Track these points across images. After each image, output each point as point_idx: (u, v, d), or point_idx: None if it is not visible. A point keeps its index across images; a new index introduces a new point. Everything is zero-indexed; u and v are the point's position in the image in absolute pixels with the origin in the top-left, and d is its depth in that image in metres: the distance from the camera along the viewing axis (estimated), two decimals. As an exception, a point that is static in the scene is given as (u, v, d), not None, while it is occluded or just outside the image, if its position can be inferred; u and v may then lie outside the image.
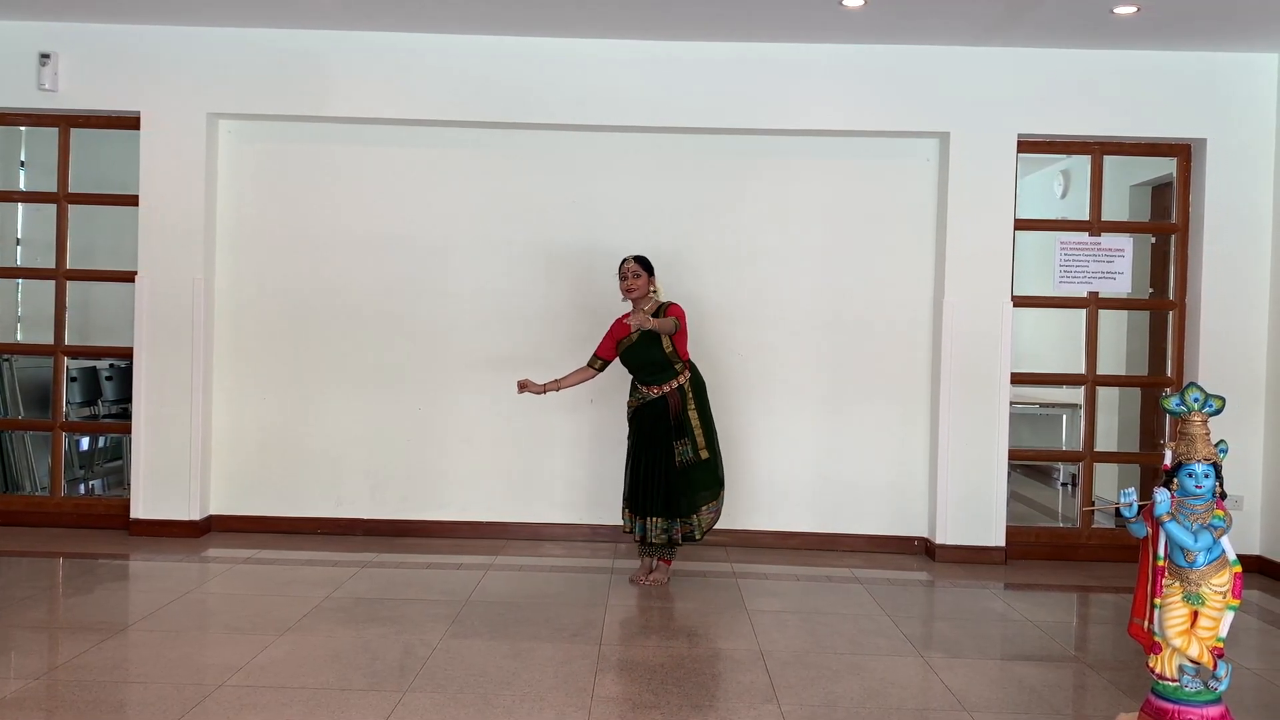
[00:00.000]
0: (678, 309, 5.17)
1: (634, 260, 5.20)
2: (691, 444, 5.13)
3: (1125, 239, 6.17)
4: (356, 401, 6.19)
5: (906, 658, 4.21)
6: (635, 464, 5.23)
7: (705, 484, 5.18)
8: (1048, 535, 6.25)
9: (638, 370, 5.20)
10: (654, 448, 5.14)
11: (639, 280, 5.16)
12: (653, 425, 5.14)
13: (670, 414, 5.11)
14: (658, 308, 5.17)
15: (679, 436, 5.12)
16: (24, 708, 3.43)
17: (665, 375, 5.13)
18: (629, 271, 5.17)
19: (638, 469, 5.20)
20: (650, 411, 5.15)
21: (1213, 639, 3.20)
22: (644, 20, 5.61)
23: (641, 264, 5.21)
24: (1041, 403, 7.63)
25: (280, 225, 6.19)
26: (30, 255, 7.37)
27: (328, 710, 3.46)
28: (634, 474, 5.23)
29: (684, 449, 5.12)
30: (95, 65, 5.98)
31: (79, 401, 7.22)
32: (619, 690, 3.73)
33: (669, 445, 5.12)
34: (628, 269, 5.18)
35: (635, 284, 5.16)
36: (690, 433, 5.13)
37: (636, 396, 5.21)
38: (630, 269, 5.17)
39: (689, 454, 5.12)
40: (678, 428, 5.12)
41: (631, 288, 5.16)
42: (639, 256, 5.25)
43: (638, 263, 5.20)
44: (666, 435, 5.12)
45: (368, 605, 4.73)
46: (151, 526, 6.00)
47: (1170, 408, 3.32)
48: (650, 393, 5.14)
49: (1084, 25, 5.49)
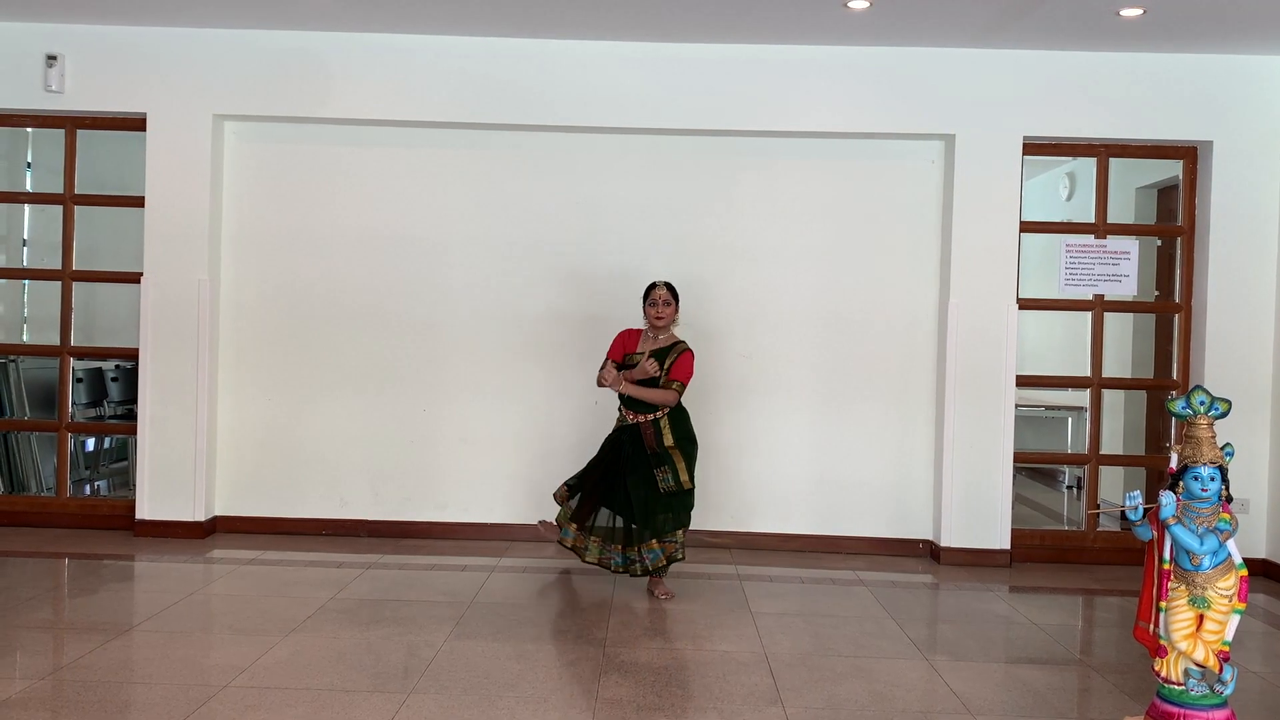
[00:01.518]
0: (688, 364, 5.07)
1: (665, 288, 5.10)
2: (673, 472, 5.03)
3: (1131, 241, 6.16)
4: (360, 402, 6.19)
5: (911, 660, 4.20)
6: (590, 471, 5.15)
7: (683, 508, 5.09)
8: (1053, 538, 6.24)
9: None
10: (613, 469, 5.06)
11: (669, 309, 5.07)
12: (622, 448, 5.07)
13: (645, 444, 5.03)
14: (674, 343, 5.11)
15: (658, 465, 5.03)
16: (29, 708, 3.43)
17: (647, 407, 5.05)
18: (660, 300, 5.06)
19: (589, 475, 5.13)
20: (628, 437, 5.07)
21: (1218, 642, 3.20)
22: (647, 22, 5.61)
23: (672, 292, 5.10)
24: (1047, 405, 7.62)
25: (285, 226, 6.20)
26: (36, 256, 7.38)
27: (332, 711, 3.46)
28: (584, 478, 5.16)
29: (665, 476, 5.03)
30: (101, 67, 6.00)
31: (84, 402, 7.23)
32: (623, 692, 3.73)
33: (640, 473, 5.00)
34: (660, 296, 5.07)
35: (665, 313, 5.06)
36: (670, 461, 5.04)
37: (619, 419, 5.16)
38: (662, 297, 5.07)
39: (669, 482, 5.03)
40: (656, 458, 5.04)
41: (661, 315, 5.06)
42: (669, 284, 5.14)
43: (669, 290, 5.10)
44: (633, 463, 5.02)
45: (372, 606, 4.74)
46: (156, 527, 6.01)
47: (1176, 411, 3.31)
48: (629, 418, 5.08)
49: (1090, 27, 5.48)
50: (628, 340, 5.22)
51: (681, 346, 5.13)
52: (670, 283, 5.19)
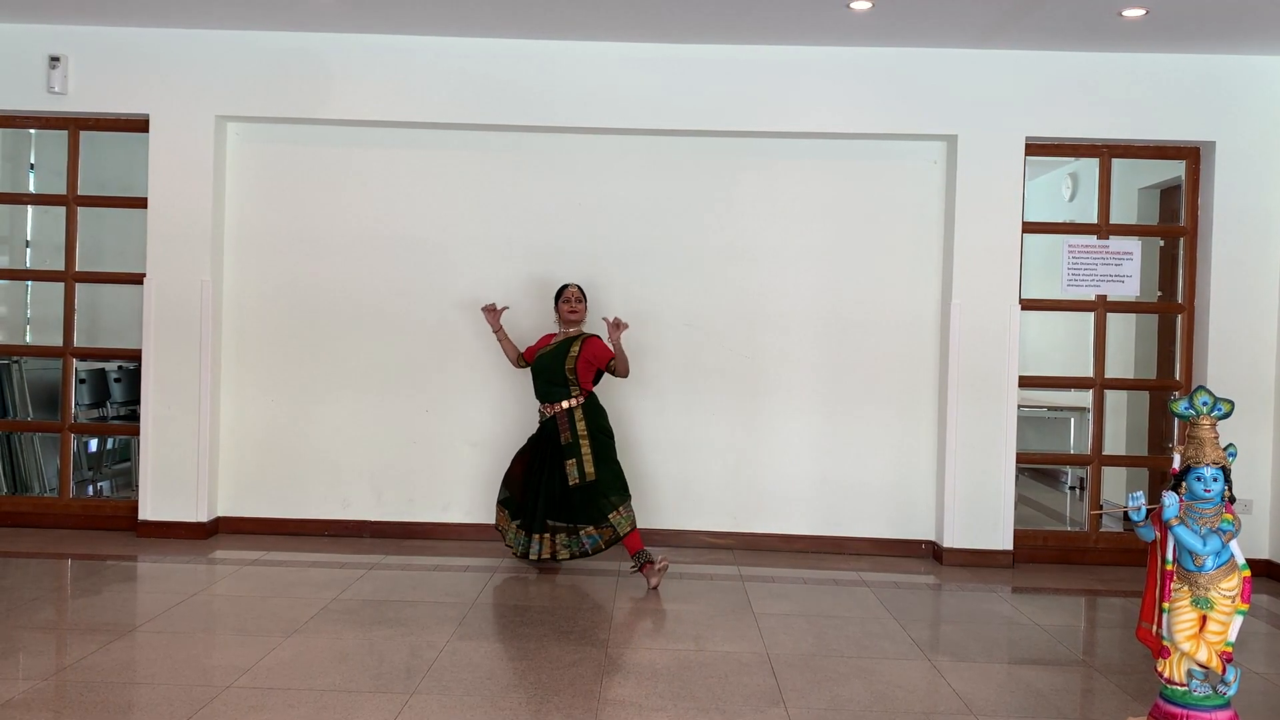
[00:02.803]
0: (601, 345, 5.41)
1: (578, 287, 5.53)
2: (579, 466, 5.28)
3: (1133, 242, 6.15)
4: (362, 403, 6.20)
5: (913, 661, 4.20)
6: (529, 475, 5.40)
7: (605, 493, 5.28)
8: (1055, 539, 6.23)
9: (538, 376, 5.42)
10: (551, 464, 5.34)
11: (581, 305, 5.49)
12: (542, 442, 5.38)
13: (559, 435, 5.32)
14: (579, 334, 5.45)
15: (567, 457, 5.30)
16: (32, 708, 3.44)
17: (559, 393, 5.35)
18: (572, 296, 5.47)
19: (531, 481, 5.38)
20: (546, 431, 5.39)
21: (1221, 643, 3.19)
22: (647, 22, 5.61)
23: (582, 291, 5.55)
24: (1049, 406, 7.61)
25: (286, 227, 6.20)
26: (39, 257, 7.39)
27: (334, 712, 3.46)
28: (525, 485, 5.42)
29: (573, 469, 5.29)
30: (104, 68, 6.01)
31: (87, 403, 7.24)
32: (625, 693, 3.73)
33: (556, 464, 5.32)
34: (572, 294, 5.48)
35: (579, 309, 5.47)
36: (578, 454, 5.29)
37: (539, 412, 5.47)
38: (574, 294, 5.48)
39: (576, 475, 5.28)
40: (566, 449, 5.30)
41: (575, 311, 5.45)
42: (578, 285, 5.57)
43: (580, 290, 5.52)
44: (552, 454, 5.35)
45: (374, 607, 4.74)
46: (159, 528, 6.02)
47: (1179, 411, 3.31)
48: (545, 410, 5.41)
49: (1092, 28, 5.48)
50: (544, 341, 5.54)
51: (590, 336, 5.46)
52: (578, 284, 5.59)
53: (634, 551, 5.25)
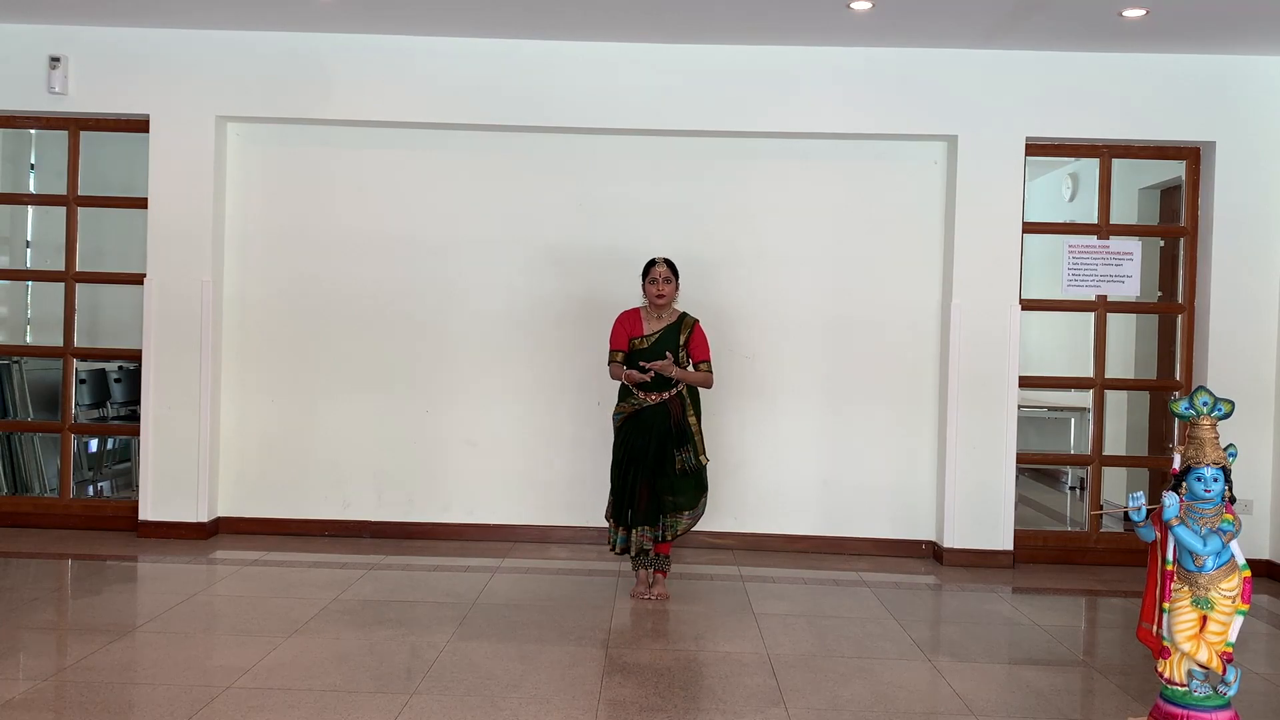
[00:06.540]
0: (705, 339, 5.05)
1: (665, 265, 5.01)
2: (694, 450, 5.00)
3: (1134, 242, 6.15)
4: (363, 404, 6.20)
5: (914, 662, 4.20)
6: (624, 474, 4.99)
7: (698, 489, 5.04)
8: (1056, 539, 6.23)
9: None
10: (647, 457, 4.94)
11: (669, 286, 4.99)
12: (648, 433, 4.95)
13: (671, 421, 4.96)
14: (679, 317, 5.05)
15: (680, 445, 4.97)
16: (32, 709, 3.44)
17: (669, 383, 4.97)
18: (661, 277, 4.98)
19: (626, 479, 4.98)
20: (646, 419, 4.96)
21: (1222, 644, 3.19)
22: (649, 23, 5.61)
23: (672, 269, 5.02)
24: (1049, 406, 7.61)
25: (287, 228, 6.20)
26: (40, 258, 7.39)
27: (335, 712, 3.46)
28: (623, 485, 5.01)
29: (687, 456, 4.97)
30: (104, 68, 6.01)
31: (88, 404, 7.23)
32: (626, 693, 3.73)
33: (667, 452, 4.95)
34: (660, 274, 4.98)
35: (666, 289, 4.98)
36: (691, 439, 5.00)
37: (631, 403, 5.00)
38: (663, 274, 4.98)
39: (691, 461, 4.98)
40: (679, 435, 4.97)
41: (663, 293, 4.97)
42: (669, 260, 5.06)
43: (669, 267, 5.02)
44: (662, 443, 4.94)
45: (375, 608, 4.74)
46: (159, 528, 6.02)
47: (1179, 412, 3.31)
48: (648, 399, 4.96)
49: (1092, 28, 5.48)
50: (630, 324, 5.08)
51: (690, 320, 5.08)
52: (670, 260, 5.10)
53: (664, 553, 5.07)
